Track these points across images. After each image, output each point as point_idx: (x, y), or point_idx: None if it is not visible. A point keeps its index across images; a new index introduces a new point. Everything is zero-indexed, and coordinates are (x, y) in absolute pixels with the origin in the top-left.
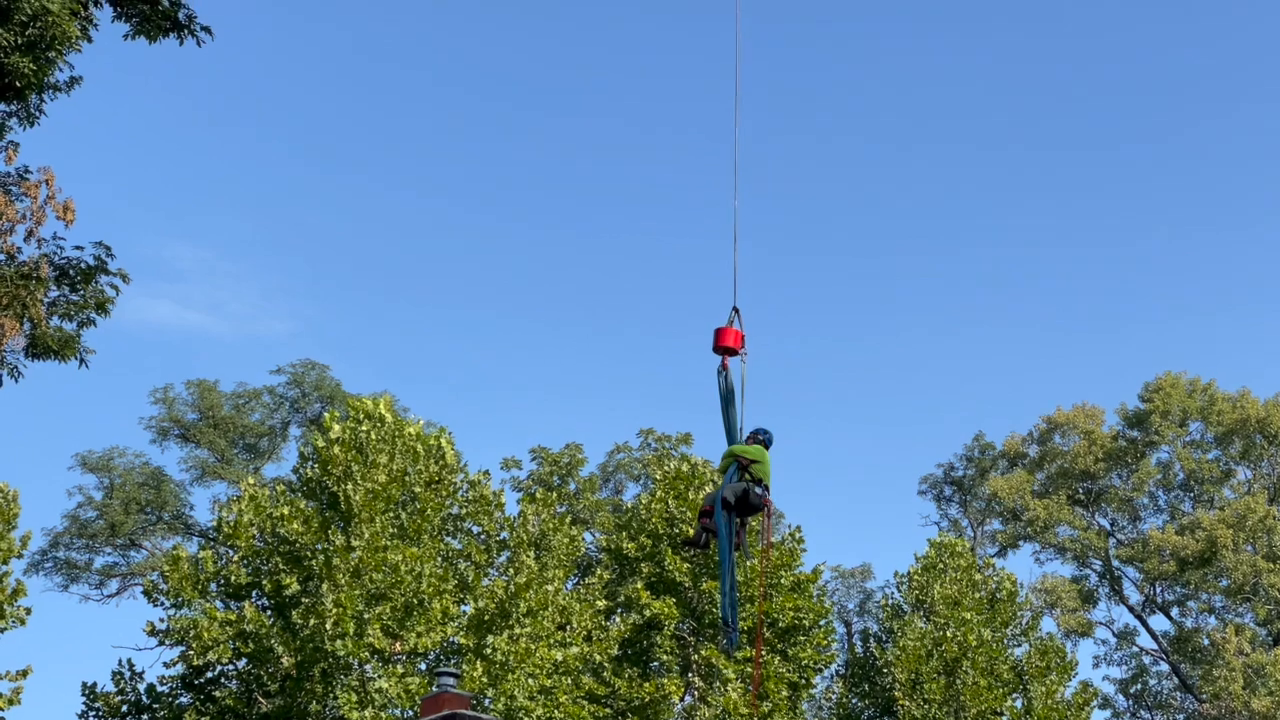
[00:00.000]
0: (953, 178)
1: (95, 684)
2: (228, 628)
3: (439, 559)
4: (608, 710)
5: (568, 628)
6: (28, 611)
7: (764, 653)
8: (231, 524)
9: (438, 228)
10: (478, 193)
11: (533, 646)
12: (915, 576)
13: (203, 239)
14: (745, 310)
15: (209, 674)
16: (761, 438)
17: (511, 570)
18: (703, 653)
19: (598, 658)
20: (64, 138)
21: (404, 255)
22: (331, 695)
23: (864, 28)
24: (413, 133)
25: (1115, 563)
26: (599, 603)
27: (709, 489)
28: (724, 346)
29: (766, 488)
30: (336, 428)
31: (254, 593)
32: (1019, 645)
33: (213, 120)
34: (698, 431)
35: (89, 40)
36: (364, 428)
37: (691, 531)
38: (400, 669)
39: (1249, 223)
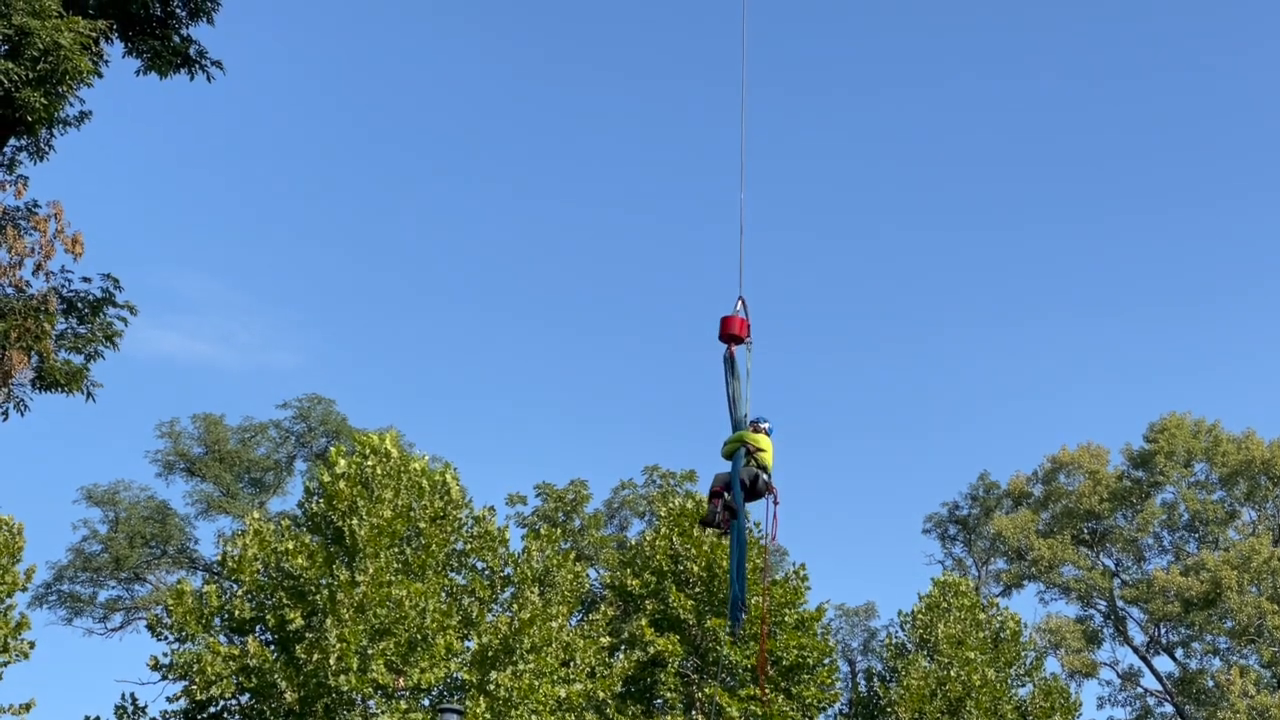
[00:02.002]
0: (956, 220)
1: (98, 718)
2: (231, 662)
3: (443, 594)
4: None
5: (571, 664)
6: (31, 645)
7: (768, 691)
8: (236, 558)
9: (446, 263)
10: (486, 229)
11: (536, 683)
12: (919, 615)
13: (213, 270)
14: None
15: (212, 709)
16: (764, 426)
17: (515, 606)
18: (706, 690)
19: (601, 695)
20: (75, 167)
21: (411, 290)
22: None
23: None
24: (421, 167)
25: (1120, 603)
26: (603, 639)
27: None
28: (730, 334)
29: (770, 475)
30: (342, 462)
31: (258, 627)
32: (1023, 685)
33: (223, 153)
34: (702, 469)
35: (99, 75)
36: (369, 463)
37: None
38: (404, 705)
39: (1254, 264)
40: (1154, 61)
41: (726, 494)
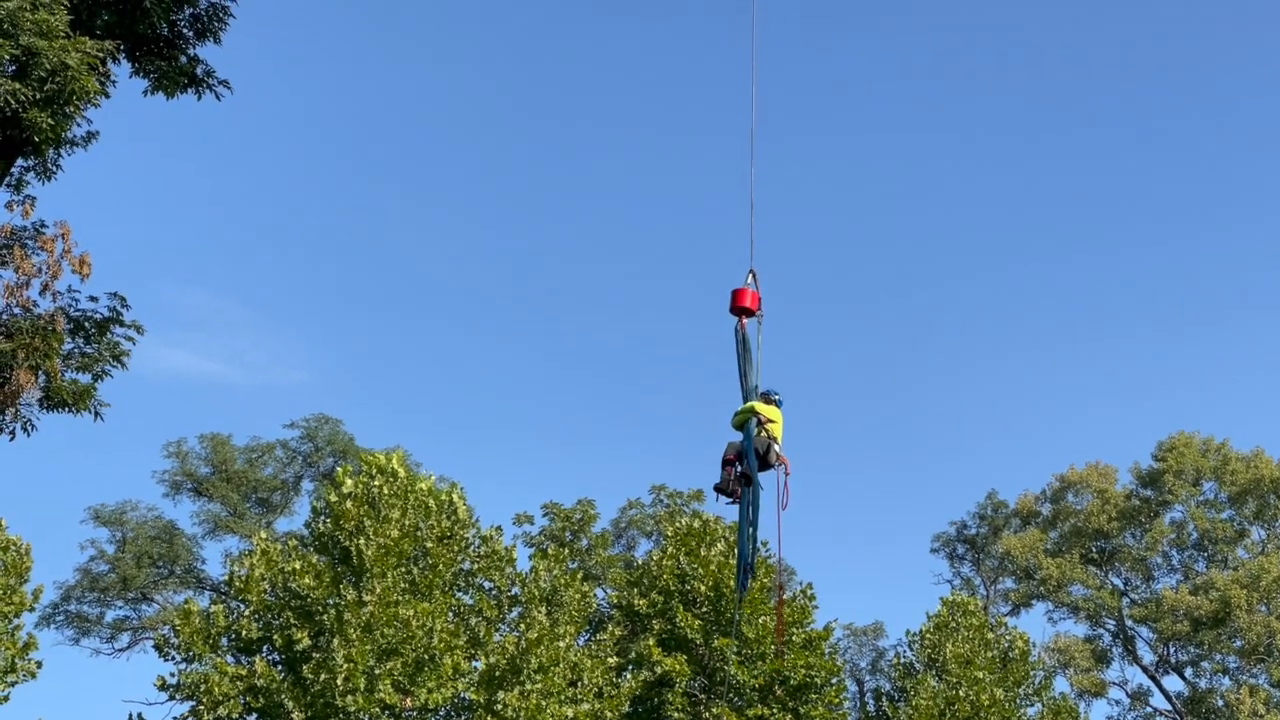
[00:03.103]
0: (961, 241)
1: None
2: (238, 682)
3: (450, 614)
4: None
5: (579, 684)
6: (39, 665)
7: (775, 710)
8: (243, 578)
9: (454, 283)
10: (494, 249)
11: (544, 703)
12: (928, 635)
13: (221, 288)
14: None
15: None
16: (774, 398)
17: (523, 626)
18: (714, 710)
19: (609, 715)
20: (83, 186)
21: (419, 309)
22: None
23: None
24: (430, 188)
25: (1129, 622)
26: (610, 659)
27: (720, 545)
28: (740, 307)
29: (780, 445)
30: (349, 482)
31: (265, 647)
32: (1032, 705)
33: (232, 171)
34: (709, 488)
35: (107, 96)
36: (376, 482)
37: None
38: None
39: (1263, 284)
40: (1164, 81)
41: (739, 463)
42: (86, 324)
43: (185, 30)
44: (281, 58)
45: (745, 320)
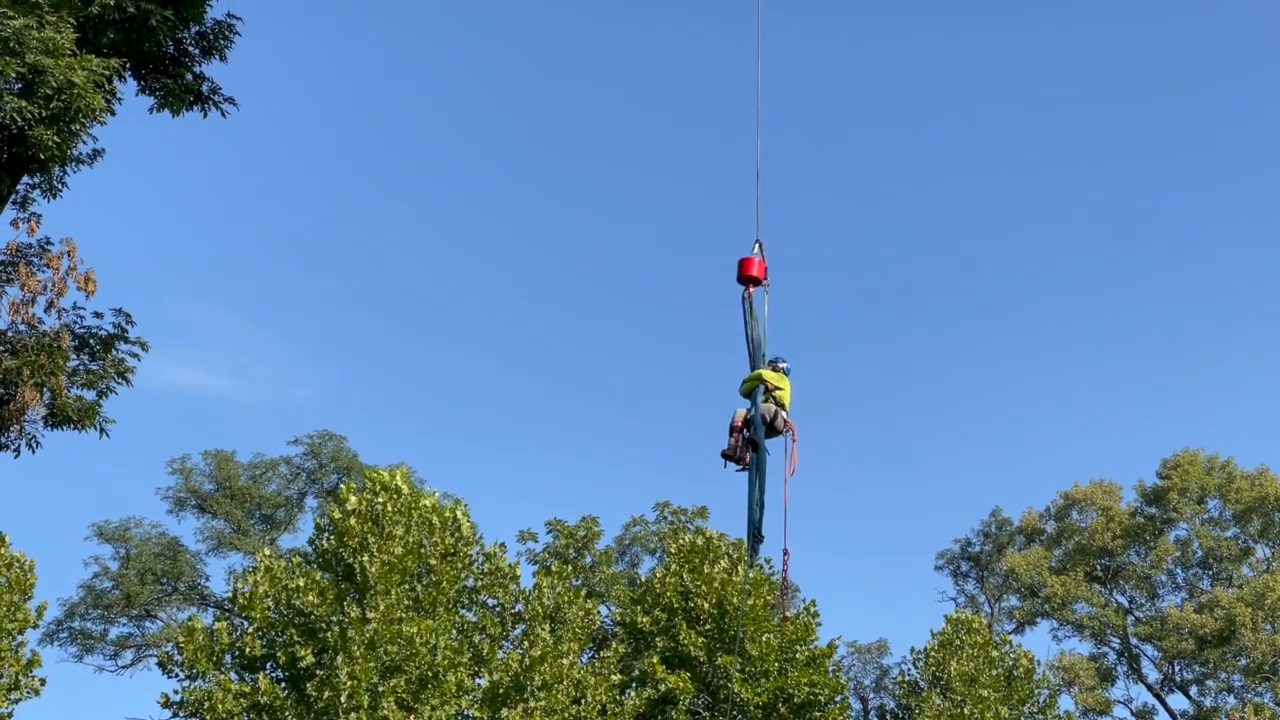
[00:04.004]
0: (967, 254)
1: None
2: (242, 700)
3: (454, 631)
4: None
5: (582, 702)
6: (42, 682)
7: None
8: (247, 595)
9: (458, 298)
10: (499, 265)
11: None
12: (932, 653)
13: (227, 303)
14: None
15: None
16: (782, 366)
17: (526, 643)
18: None
19: None
20: (89, 202)
21: (425, 326)
22: None
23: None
24: (436, 204)
25: (1133, 641)
26: (614, 677)
27: (724, 563)
28: (747, 276)
29: (788, 412)
30: (353, 499)
31: (269, 664)
32: None
33: (238, 187)
34: (714, 505)
35: (112, 113)
36: (380, 499)
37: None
38: None
39: (1268, 302)
40: (1165, 101)
41: (746, 429)
42: (91, 341)
43: (191, 48)
44: (288, 71)
45: (752, 289)
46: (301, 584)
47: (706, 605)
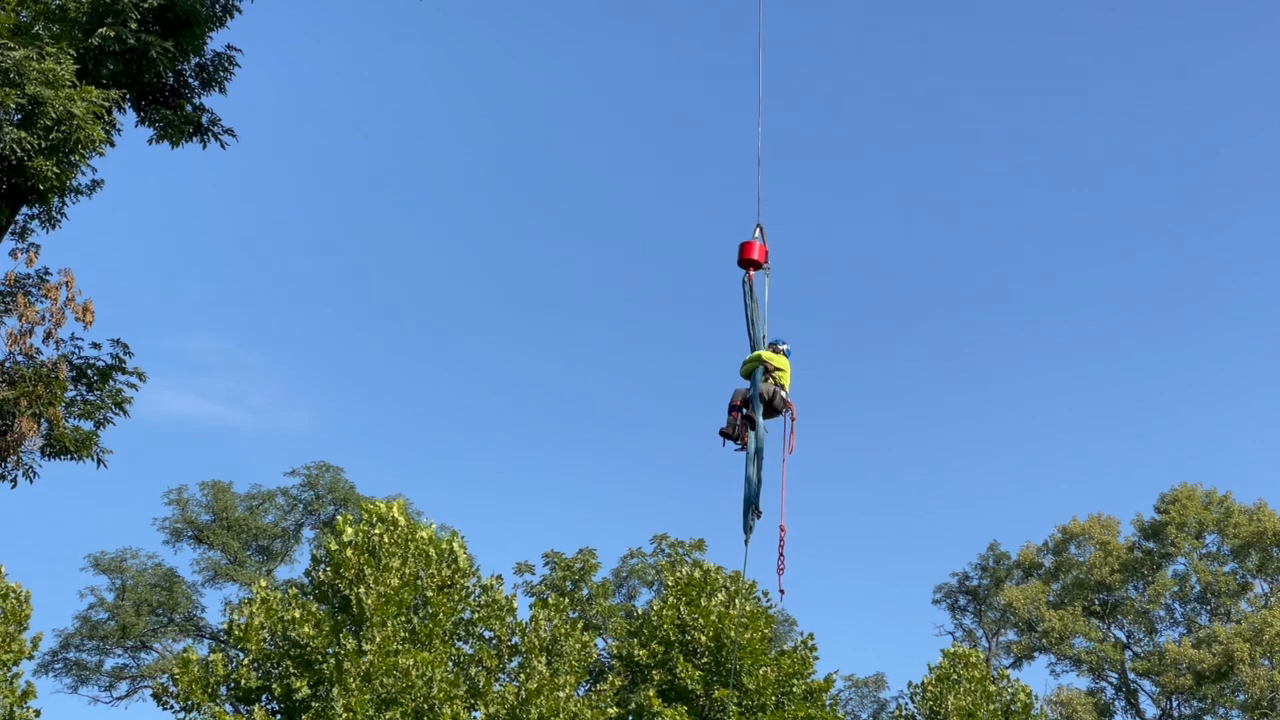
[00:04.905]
0: (965, 289)
1: None
2: None
3: (450, 664)
4: None
5: None
6: (37, 714)
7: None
8: (242, 626)
9: (457, 330)
10: (496, 295)
11: None
12: (929, 687)
13: (226, 331)
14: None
15: None
16: (782, 348)
17: (523, 676)
18: None
19: None
20: (89, 230)
21: (423, 354)
22: None
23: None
24: (432, 233)
25: (1131, 675)
26: (610, 710)
27: (721, 595)
28: (748, 259)
29: (788, 392)
30: (349, 530)
31: (264, 696)
32: None
33: (236, 215)
34: (711, 537)
35: (112, 144)
36: (377, 531)
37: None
38: None
39: (1266, 337)
40: (1157, 152)
41: (745, 408)
42: (89, 371)
43: (191, 80)
44: (285, 102)
45: (753, 273)
46: (297, 615)
47: (704, 638)
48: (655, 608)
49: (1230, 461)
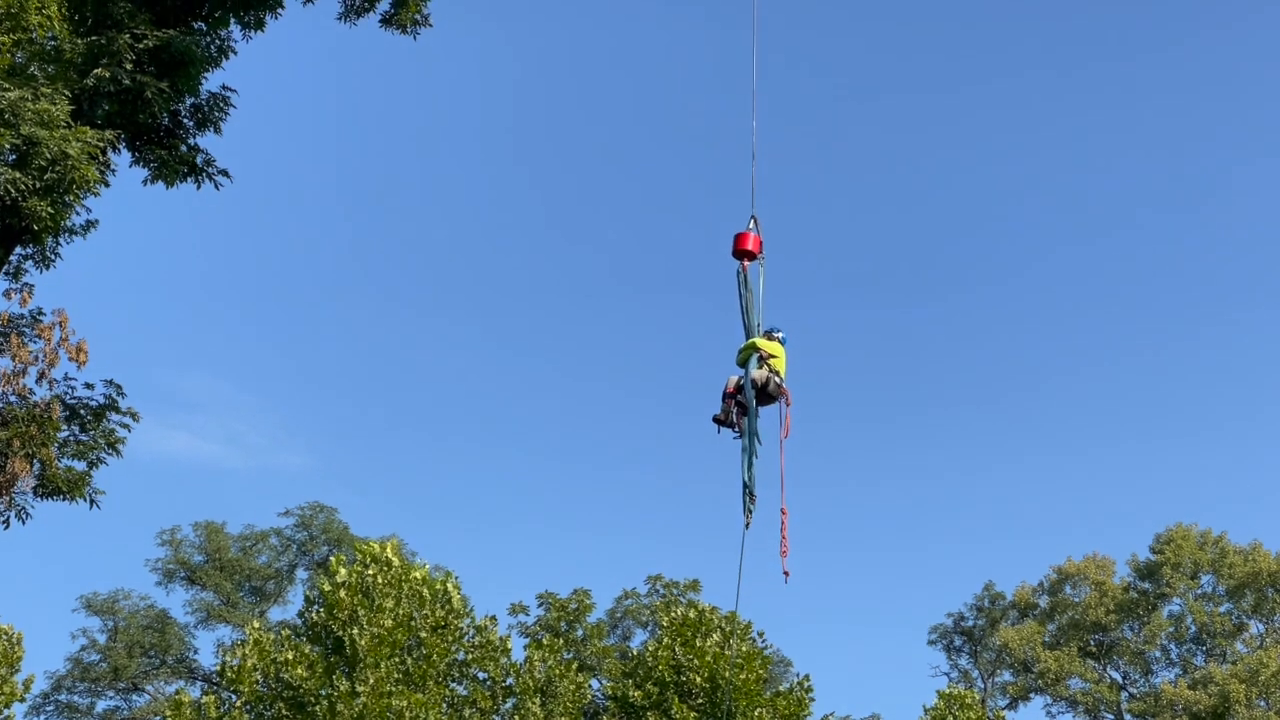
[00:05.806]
0: (959, 326)
1: None
2: None
3: (444, 705)
4: None
5: None
6: None
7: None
8: (235, 668)
9: (450, 371)
10: (490, 335)
11: None
12: None
13: (220, 371)
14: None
15: None
16: (777, 335)
17: (517, 717)
18: None
19: None
20: (83, 270)
21: (417, 397)
22: None
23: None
24: (426, 275)
25: (1127, 717)
26: None
27: (717, 635)
28: (742, 250)
29: (783, 379)
30: (343, 571)
31: None
32: None
33: (230, 255)
34: (706, 578)
35: (106, 185)
36: (370, 571)
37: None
38: None
39: (1261, 377)
40: (1147, 187)
41: (739, 395)
42: (82, 411)
43: (186, 120)
44: (279, 142)
45: (747, 263)
46: (290, 657)
47: (699, 679)
48: (650, 648)
49: (1225, 502)
